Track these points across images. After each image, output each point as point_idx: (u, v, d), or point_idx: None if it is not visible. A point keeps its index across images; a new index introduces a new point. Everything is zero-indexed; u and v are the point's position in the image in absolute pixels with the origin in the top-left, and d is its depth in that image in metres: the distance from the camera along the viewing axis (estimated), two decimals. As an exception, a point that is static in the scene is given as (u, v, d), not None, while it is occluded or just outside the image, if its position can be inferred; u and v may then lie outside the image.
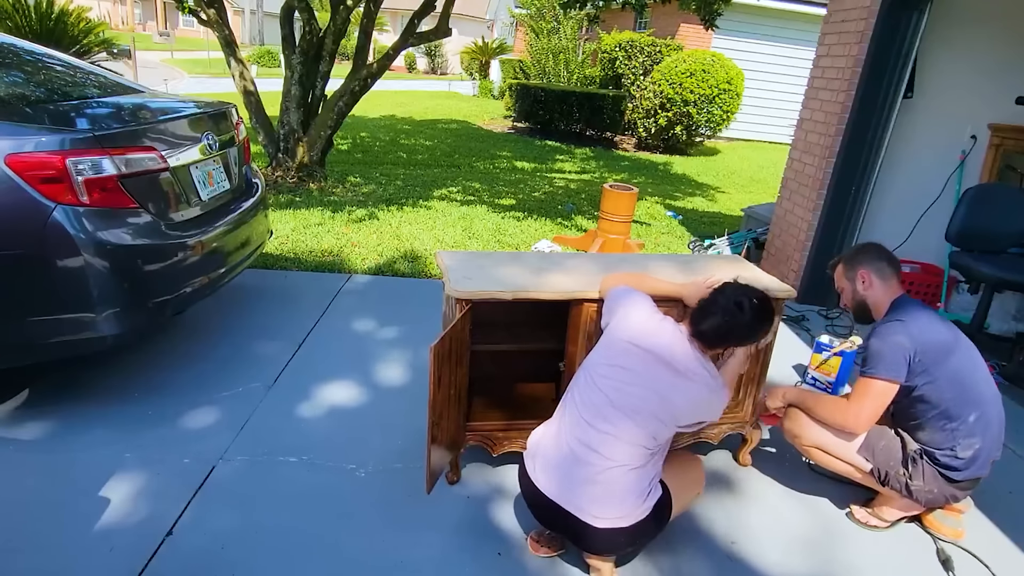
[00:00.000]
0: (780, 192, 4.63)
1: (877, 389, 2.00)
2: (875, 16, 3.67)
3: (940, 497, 2.09)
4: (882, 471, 2.10)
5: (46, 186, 2.09)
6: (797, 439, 2.21)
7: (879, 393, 2.00)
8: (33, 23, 9.23)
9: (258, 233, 3.20)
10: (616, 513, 1.66)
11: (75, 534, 1.89)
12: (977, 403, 2.02)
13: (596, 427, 1.72)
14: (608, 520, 1.65)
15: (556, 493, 1.70)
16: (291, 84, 6.08)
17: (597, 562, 1.81)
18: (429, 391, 1.86)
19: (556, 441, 1.78)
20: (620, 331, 1.82)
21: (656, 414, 1.72)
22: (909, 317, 2.03)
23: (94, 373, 2.72)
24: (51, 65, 2.97)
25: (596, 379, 1.78)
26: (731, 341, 1.82)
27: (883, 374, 1.98)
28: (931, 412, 2.03)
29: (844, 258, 2.28)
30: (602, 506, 1.66)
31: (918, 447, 2.10)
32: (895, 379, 1.98)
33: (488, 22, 31.68)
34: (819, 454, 2.18)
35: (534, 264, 2.36)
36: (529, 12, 16.23)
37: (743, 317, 1.73)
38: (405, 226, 5.17)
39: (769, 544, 2.10)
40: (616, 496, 1.67)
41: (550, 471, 1.74)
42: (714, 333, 1.76)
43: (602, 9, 9.40)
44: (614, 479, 1.67)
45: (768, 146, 13.62)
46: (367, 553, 1.92)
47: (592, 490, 1.67)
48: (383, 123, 12.19)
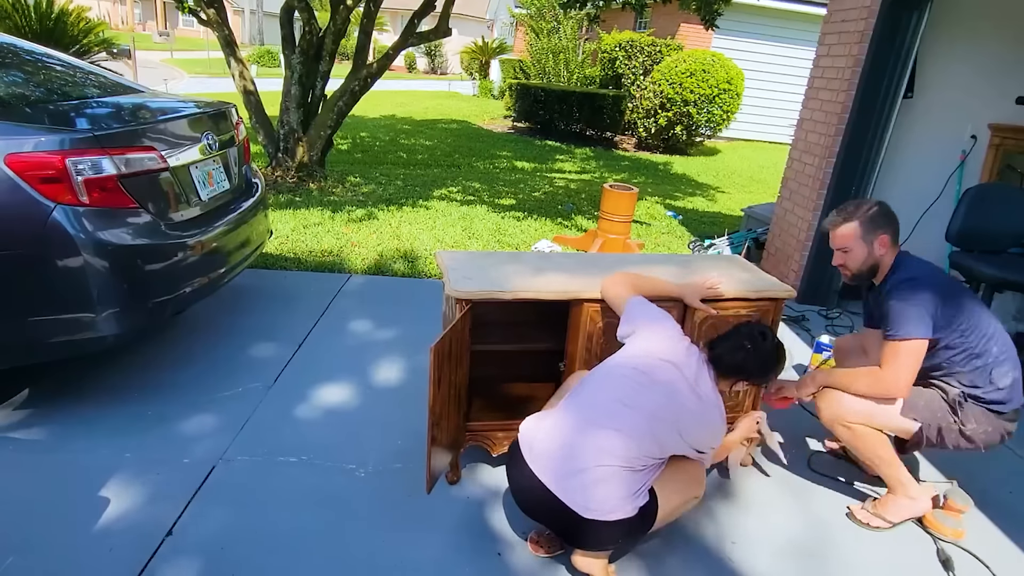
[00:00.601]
0: (780, 192, 4.63)
1: (910, 349, 2.00)
2: (875, 16, 3.67)
3: (996, 435, 2.10)
4: (932, 426, 2.09)
5: (46, 186, 2.09)
6: (838, 419, 2.14)
7: (912, 352, 2.00)
8: (33, 23, 9.23)
9: (258, 233, 3.20)
10: (607, 507, 1.67)
11: (75, 534, 1.89)
12: (993, 336, 2.07)
13: (606, 424, 1.73)
14: (596, 513, 1.66)
15: (551, 480, 1.71)
16: (291, 84, 6.08)
17: (586, 561, 1.81)
18: (429, 391, 1.86)
19: (556, 432, 1.78)
20: (649, 345, 1.86)
21: (672, 422, 1.76)
22: (920, 273, 2.07)
23: (94, 373, 2.72)
24: (51, 65, 2.97)
25: (615, 379, 1.81)
26: (744, 373, 1.85)
27: (913, 334, 1.98)
28: (958, 356, 2.06)
29: (860, 220, 2.14)
30: (594, 498, 1.67)
31: (958, 391, 2.10)
32: (925, 336, 1.99)
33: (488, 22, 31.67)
34: (861, 432, 2.12)
35: (534, 264, 2.36)
36: (529, 12, 16.23)
37: (764, 346, 1.82)
38: (405, 226, 5.17)
39: (769, 544, 2.10)
40: (610, 490, 1.68)
41: (546, 460, 1.74)
42: (730, 358, 1.82)
43: (602, 9, 9.40)
44: (610, 475, 1.68)
45: (768, 146, 13.62)
46: (367, 553, 1.92)
47: (586, 480, 1.68)
48: (383, 123, 12.19)
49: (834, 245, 2.20)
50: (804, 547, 2.10)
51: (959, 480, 2.40)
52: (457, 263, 2.26)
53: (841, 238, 2.17)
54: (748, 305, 2.22)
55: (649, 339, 1.88)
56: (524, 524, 2.07)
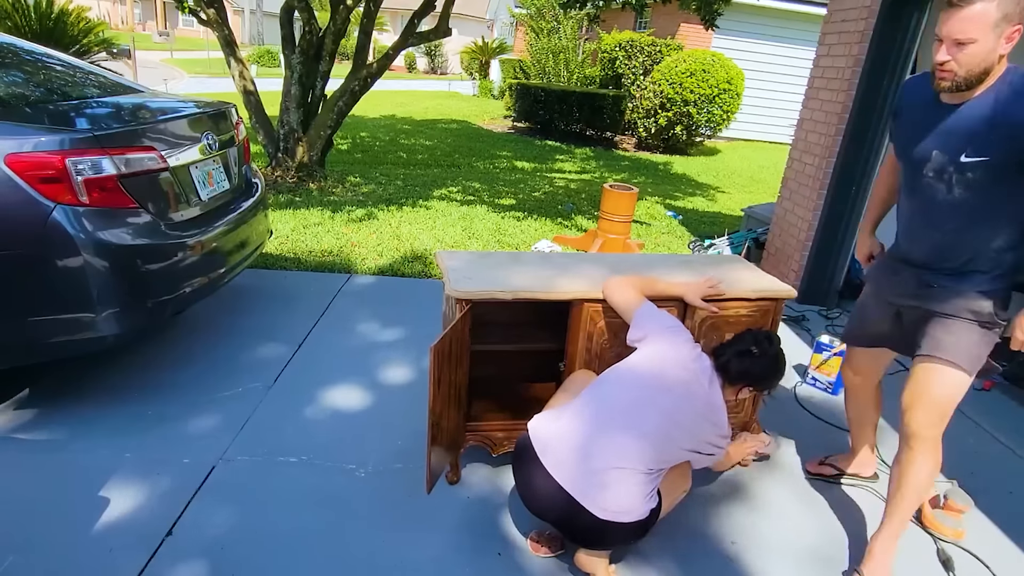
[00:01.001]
0: (780, 192, 4.63)
1: None
2: (875, 16, 3.67)
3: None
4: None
5: (46, 186, 2.09)
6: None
7: None
8: (33, 23, 9.23)
9: (258, 233, 3.20)
10: (623, 509, 1.67)
11: (75, 534, 1.89)
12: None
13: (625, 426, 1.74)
14: (612, 514, 1.66)
15: (568, 480, 1.70)
16: (291, 84, 6.08)
17: (590, 560, 1.81)
18: (429, 391, 1.86)
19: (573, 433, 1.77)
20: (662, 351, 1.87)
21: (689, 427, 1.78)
22: None
23: (94, 373, 2.72)
24: (51, 65, 2.97)
25: (631, 382, 1.83)
26: (750, 378, 1.86)
27: None
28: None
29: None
30: (612, 500, 1.68)
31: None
32: None
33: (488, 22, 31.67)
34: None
35: (534, 264, 2.36)
36: (529, 12, 16.23)
37: (770, 351, 1.85)
38: (405, 226, 5.17)
39: (769, 543, 2.10)
40: (628, 492, 1.69)
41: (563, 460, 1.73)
42: (738, 363, 1.83)
43: (602, 9, 9.40)
44: (628, 478, 1.69)
45: (768, 146, 13.62)
46: (367, 553, 1.92)
47: (604, 481, 1.68)
48: (383, 123, 12.19)
49: (951, 34, 1.56)
50: (804, 546, 2.10)
51: (959, 480, 2.40)
52: (457, 263, 2.27)
53: (970, 23, 1.52)
54: (748, 305, 2.22)
55: (662, 345, 1.88)
56: (524, 524, 2.07)
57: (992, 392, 3.25)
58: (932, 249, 1.85)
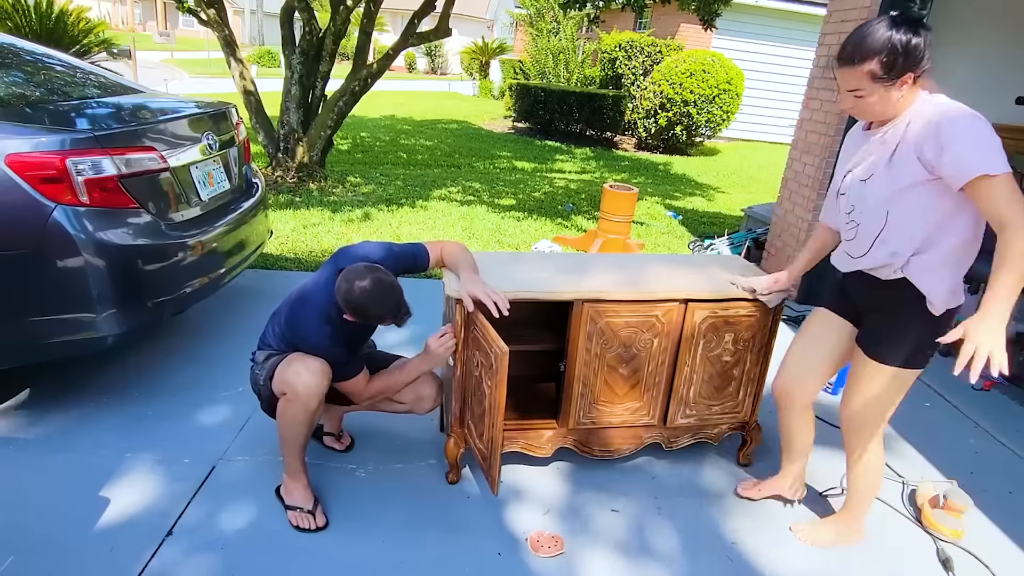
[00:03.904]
0: (780, 192, 4.63)
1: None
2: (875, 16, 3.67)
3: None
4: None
5: (46, 186, 2.09)
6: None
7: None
8: (33, 23, 9.24)
9: (258, 233, 3.21)
10: None
11: (75, 534, 1.89)
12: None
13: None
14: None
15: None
16: (291, 84, 6.08)
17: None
18: (495, 394, 1.85)
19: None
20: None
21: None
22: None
23: (94, 373, 2.72)
24: (51, 65, 2.98)
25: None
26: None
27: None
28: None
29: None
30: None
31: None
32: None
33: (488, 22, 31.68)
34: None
35: (534, 264, 2.36)
36: (529, 12, 16.23)
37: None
38: (405, 226, 5.17)
39: (768, 543, 2.10)
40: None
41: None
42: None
43: (602, 9, 9.40)
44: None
45: (768, 146, 13.62)
46: (367, 553, 1.92)
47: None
48: (383, 123, 12.19)
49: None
50: (803, 546, 2.10)
51: (959, 480, 2.40)
52: (457, 263, 2.26)
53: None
54: (748, 305, 2.22)
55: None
56: (524, 524, 2.07)
57: (992, 392, 3.25)
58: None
